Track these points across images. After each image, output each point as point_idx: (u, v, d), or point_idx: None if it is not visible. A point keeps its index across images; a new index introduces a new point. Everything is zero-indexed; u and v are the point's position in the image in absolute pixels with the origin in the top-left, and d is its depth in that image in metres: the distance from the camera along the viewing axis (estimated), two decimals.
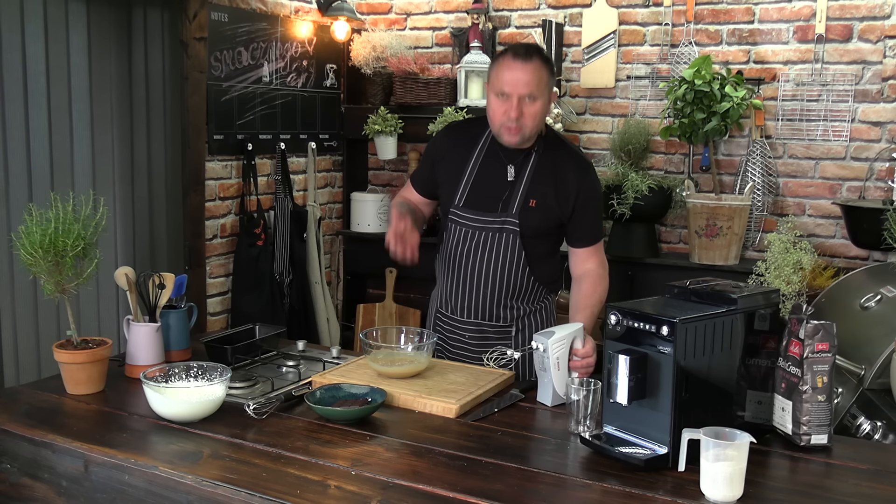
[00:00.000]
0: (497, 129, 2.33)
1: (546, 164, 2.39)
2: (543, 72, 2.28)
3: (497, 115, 2.30)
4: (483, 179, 2.40)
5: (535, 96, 2.26)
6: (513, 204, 2.37)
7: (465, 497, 1.53)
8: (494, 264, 2.39)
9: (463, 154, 2.44)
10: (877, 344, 2.51)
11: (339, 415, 1.89)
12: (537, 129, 2.33)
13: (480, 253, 2.40)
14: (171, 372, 1.99)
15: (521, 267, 2.39)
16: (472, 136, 2.46)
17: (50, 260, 1.99)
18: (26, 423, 1.87)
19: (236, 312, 3.89)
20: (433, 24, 4.44)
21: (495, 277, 2.40)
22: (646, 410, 1.70)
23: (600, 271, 2.42)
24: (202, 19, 3.59)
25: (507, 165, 2.39)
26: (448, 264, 2.47)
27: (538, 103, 2.27)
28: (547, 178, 2.37)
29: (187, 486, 1.60)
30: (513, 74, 2.25)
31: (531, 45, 2.34)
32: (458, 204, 2.42)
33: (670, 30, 3.90)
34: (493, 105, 2.31)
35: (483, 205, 2.39)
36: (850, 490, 1.60)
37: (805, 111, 3.69)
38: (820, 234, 3.73)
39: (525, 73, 2.25)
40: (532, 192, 2.37)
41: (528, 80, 2.24)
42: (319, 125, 4.37)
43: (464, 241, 2.41)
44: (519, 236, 2.36)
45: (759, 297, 1.78)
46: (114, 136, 3.38)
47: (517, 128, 2.28)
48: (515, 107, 2.25)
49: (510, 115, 2.26)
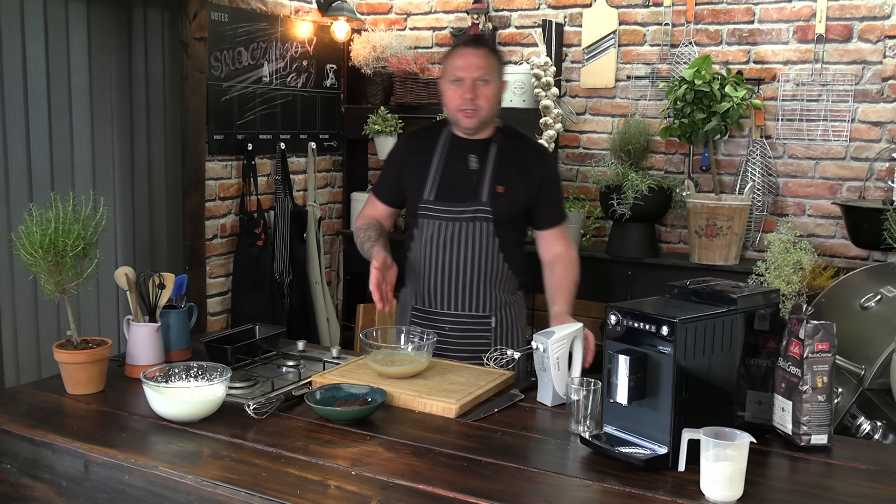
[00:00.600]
0: (454, 115, 2.47)
1: (507, 152, 2.51)
2: (493, 58, 2.46)
3: (453, 100, 2.44)
4: (449, 173, 2.51)
5: (487, 79, 2.41)
6: (482, 192, 2.47)
7: (465, 497, 1.53)
8: (471, 252, 2.48)
9: (425, 156, 2.55)
10: (877, 344, 2.51)
11: (339, 415, 1.89)
12: (492, 112, 2.47)
13: (456, 243, 2.48)
14: (171, 372, 1.99)
15: (496, 253, 2.48)
16: (430, 139, 2.58)
17: (50, 260, 1.99)
18: (26, 423, 1.87)
19: (236, 312, 3.89)
20: (433, 24, 4.44)
21: (473, 265, 2.48)
22: (646, 410, 1.70)
23: (571, 253, 2.55)
24: (202, 19, 3.59)
25: (469, 156, 2.50)
26: (424, 259, 2.53)
27: (491, 86, 2.43)
28: (510, 164, 2.49)
29: (187, 486, 1.60)
30: (465, 59, 2.42)
31: (480, 36, 2.54)
32: (429, 198, 2.51)
33: (670, 30, 3.90)
34: (449, 93, 2.46)
35: (453, 196, 2.49)
36: (850, 490, 1.60)
37: (805, 111, 3.69)
38: (820, 234, 3.73)
39: (476, 57, 2.41)
40: (498, 179, 2.48)
41: (479, 63, 2.41)
42: (319, 125, 4.37)
43: (438, 234, 2.49)
44: (492, 223, 2.46)
45: (759, 297, 1.78)
46: (114, 136, 3.38)
47: (473, 110, 2.42)
48: (470, 88, 2.40)
49: (465, 97, 2.40)
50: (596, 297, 3.91)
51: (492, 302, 2.52)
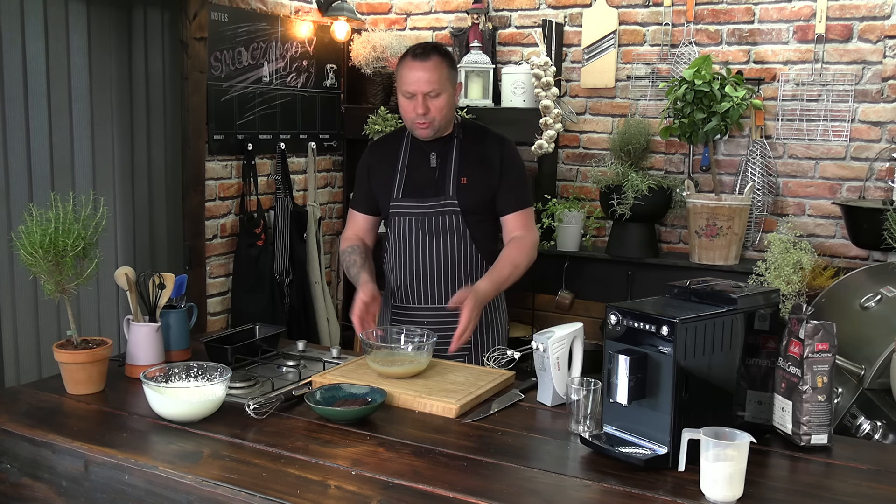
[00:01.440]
0: (410, 126, 2.54)
1: (468, 145, 2.57)
2: (443, 67, 2.46)
3: (407, 113, 2.50)
4: (414, 171, 2.58)
5: (437, 91, 2.45)
6: (447, 185, 2.53)
7: (465, 497, 1.53)
8: (442, 245, 2.54)
9: (390, 160, 2.61)
10: (877, 344, 2.51)
11: (339, 415, 1.89)
12: (446, 119, 2.52)
13: (427, 237, 2.54)
14: (171, 372, 1.99)
15: (468, 243, 2.54)
16: (393, 143, 2.64)
17: (50, 260, 1.99)
18: (26, 423, 1.87)
19: (236, 312, 3.89)
20: (433, 24, 4.44)
21: (445, 257, 2.54)
22: (646, 410, 1.70)
23: (528, 238, 2.56)
24: (202, 19, 3.59)
25: (430, 154, 2.56)
26: (398, 256, 2.58)
27: (442, 97, 2.46)
28: (472, 156, 2.56)
29: (187, 486, 1.61)
30: (414, 74, 2.45)
31: (429, 44, 2.52)
32: (398, 196, 2.56)
33: (670, 30, 3.90)
34: (403, 104, 2.51)
35: (420, 192, 2.55)
36: (850, 490, 1.60)
37: (805, 111, 3.68)
38: (820, 234, 3.73)
39: (425, 71, 2.44)
40: (461, 171, 2.54)
41: (428, 77, 2.43)
42: (319, 125, 4.37)
43: (410, 230, 2.55)
44: (460, 214, 2.52)
45: (759, 297, 1.78)
46: (114, 136, 3.38)
47: (427, 122, 2.48)
48: (421, 104, 2.44)
49: (418, 111, 2.45)
50: (596, 297, 3.92)
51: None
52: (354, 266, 2.56)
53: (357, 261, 2.57)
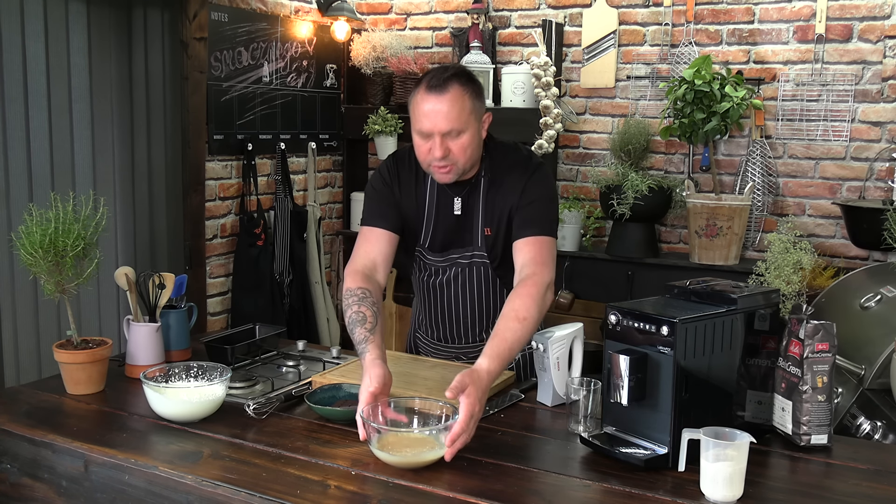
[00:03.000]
0: (426, 169, 2.10)
1: (494, 184, 2.16)
2: (465, 99, 2.00)
3: (422, 154, 2.06)
4: (441, 218, 2.20)
5: (459, 130, 2.00)
6: (475, 235, 2.20)
7: (465, 497, 1.53)
8: (470, 296, 2.27)
9: (418, 192, 2.20)
10: (877, 344, 2.51)
11: (339, 415, 1.89)
12: (472, 161, 2.08)
13: (454, 286, 2.27)
14: (171, 372, 1.98)
15: (497, 293, 2.26)
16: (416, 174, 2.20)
17: (50, 260, 1.99)
18: (26, 423, 1.87)
19: (236, 312, 3.89)
20: (433, 24, 4.44)
21: (472, 308, 2.29)
22: (646, 410, 1.70)
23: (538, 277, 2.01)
24: (202, 19, 3.59)
25: (454, 198, 2.18)
26: (423, 293, 2.35)
27: (465, 136, 2.01)
28: (497, 200, 2.16)
29: (187, 486, 1.60)
30: (429, 109, 1.98)
31: (448, 70, 2.04)
32: (424, 245, 2.24)
33: (670, 30, 3.90)
34: (417, 143, 2.05)
35: (447, 244, 2.22)
36: (850, 490, 1.60)
37: (805, 111, 3.69)
38: (820, 234, 3.73)
39: (443, 104, 1.97)
40: (486, 221, 2.17)
41: (446, 112, 1.97)
42: (319, 125, 4.37)
43: (436, 276, 2.28)
44: (489, 267, 2.22)
45: (759, 297, 1.78)
46: (114, 136, 3.38)
47: (447, 166, 2.04)
48: (440, 146, 2.00)
49: (435, 154, 2.01)
50: (596, 297, 3.92)
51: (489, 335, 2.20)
52: (362, 325, 1.93)
53: (367, 317, 1.95)
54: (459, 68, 2.08)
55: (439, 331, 2.36)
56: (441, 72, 2.02)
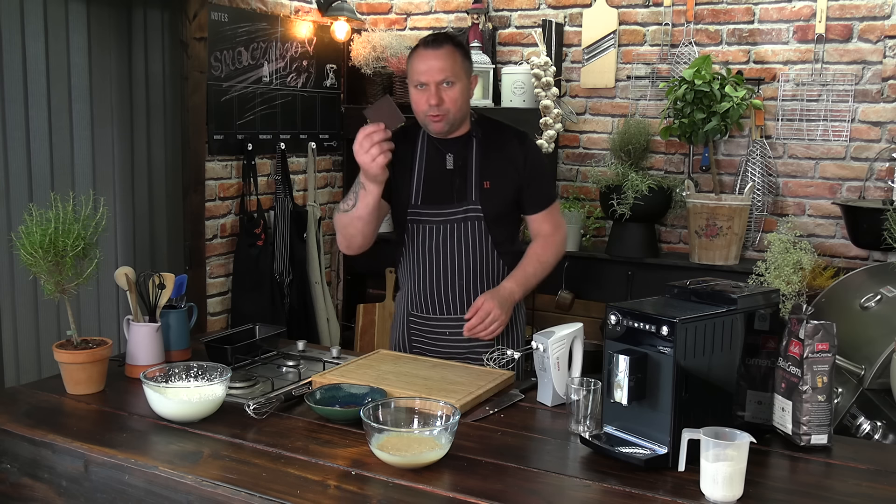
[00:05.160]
0: (423, 120, 2.38)
1: (488, 145, 2.43)
2: (457, 56, 2.33)
3: (420, 106, 2.35)
4: (432, 175, 2.43)
5: (451, 81, 2.31)
6: (469, 190, 2.40)
7: (465, 497, 1.53)
8: (464, 254, 2.42)
9: (405, 160, 2.44)
10: (877, 344, 2.51)
11: (339, 415, 1.89)
12: (462, 112, 2.37)
13: (448, 245, 2.42)
14: (171, 372, 1.99)
15: (490, 251, 2.43)
16: (408, 142, 2.46)
17: (50, 260, 1.99)
18: (26, 423, 1.87)
19: (236, 312, 3.89)
20: (433, 24, 4.44)
21: (467, 267, 2.43)
22: (646, 410, 1.70)
23: (555, 236, 2.50)
24: (202, 19, 3.59)
25: (447, 155, 2.42)
26: (416, 264, 2.47)
27: (456, 87, 2.32)
28: (493, 157, 2.42)
29: (187, 486, 1.60)
30: (426, 63, 2.30)
31: (441, 33, 2.39)
32: (416, 203, 2.43)
33: (670, 30, 3.90)
34: (415, 98, 2.36)
35: (440, 198, 2.42)
36: (850, 490, 1.60)
37: (805, 111, 3.69)
38: (820, 234, 3.73)
39: (438, 59, 2.29)
40: (483, 174, 2.40)
41: (441, 65, 2.29)
42: (319, 125, 4.37)
43: (429, 238, 2.43)
44: (483, 221, 2.40)
45: (759, 297, 1.78)
46: (114, 136, 3.38)
47: (441, 115, 2.32)
48: (434, 94, 2.30)
49: (431, 102, 2.30)
50: (596, 297, 3.92)
51: None
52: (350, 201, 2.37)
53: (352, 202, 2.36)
54: (454, 35, 2.45)
55: (435, 300, 2.45)
56: (436, 34, 2.38)
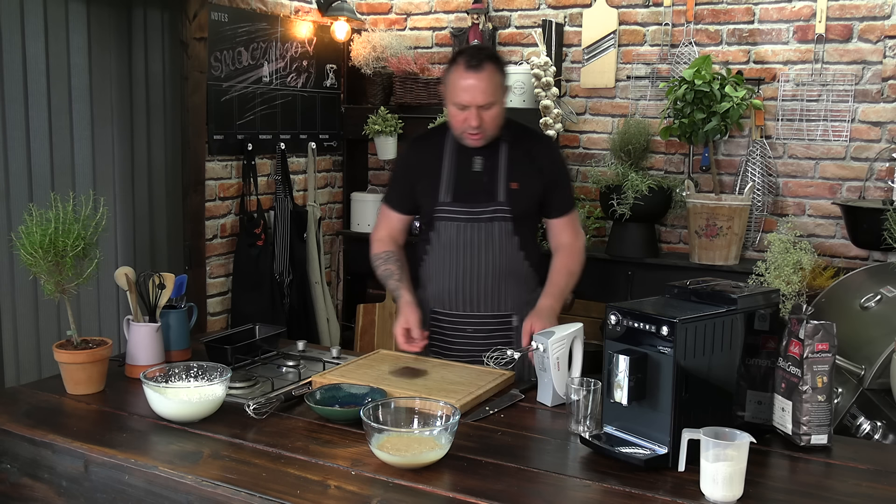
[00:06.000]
0: (459, 135, 2.44)
1: (516, 147, 2.48)
2: (496, 76, 2.37)
3: (457, 123, 2.40)
4: (462, 174, 2.48)
5: (492, 103, 2.35)
6: (497, 190, 2.45)
7: (465, 497, 1.53)
8: (491, 253, 2.45)
9: (434, 160, 2.50)
10: (877, 344, 2.51)
11: (339, 415, 1.89)
12: (498, 128, 2.43)
13: (476, 244, 2.45)
14: (171, 372, 1.99)
15: (516, 252, 2.46)
16: (436, 142, 2.53)
17: (50, 260, 1.99)
18: (26, 423, 1.87)
19: (236, 312, 3.89)
20: (433, 24, 4.44)
21: (493, 265, 2.46)
22: (646, 410, 1.70)
23: (576, 243, 2.56)
24: (202, 19, 3.59)
25: (474, 156, 2.47)
26: (442, 261, 2.49)
27: (495, 108, 2.37)
28: (521, 159, 2.47)
29: (187, 486, 1.60)
30: (468, 87, 2.33)
31: (481, 51, 2.41)
32: (446, 199, 2.47)
33: (670, 30, 3.90)
34: (453, 113, 2.40)
35: (470, 197, 2.46)
36: (850, 490, 1.60)
37: (805, 111, 3.68)
38: (820, 234, 3.73)
39: (480, 81, 2.32)
40: (511, 175, 2.45)
41: (483, 88, 2.33)
42: (319, 125, 4.37)
43: (457, 236, 2.46)
44: (510, 221, 2.44)
45: (759, 297, 1.78)
46: (114, 136, 3.38)
47: (479, 134, 2.39)
48: (475, 116, 2.35)
49: (470, 123, 2.36)
50: (596, 297, 3.91)
51: (513, 301, 2.49)
52: (392, 278, 2.48)
53: (394, 271, 2.49)
54: (490, 50, 2.53)
55: (459, 297, 2.48)
56: (477, 52, 2.38)
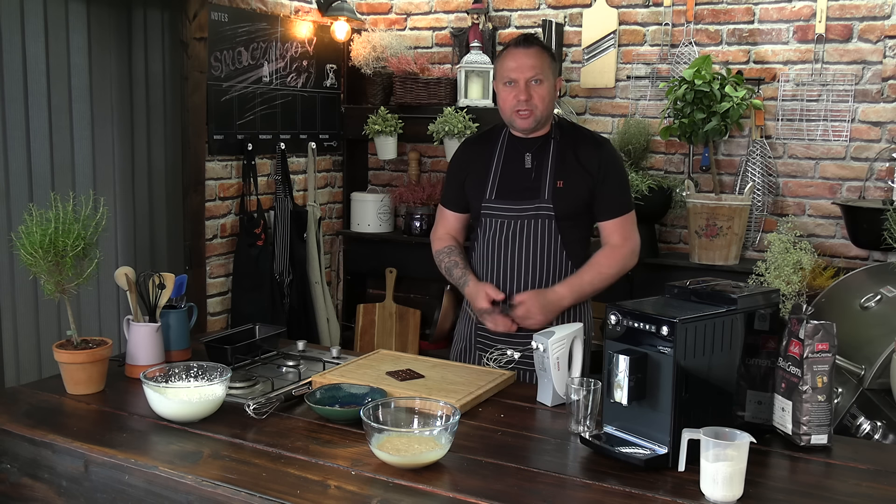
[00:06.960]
0: (509, 117, 2.45)
1: (566, 146, 2.48)
2: (545, 56, 2.42)
3: (507, 102, 2.42)
4: (509, 172, 2.49)
5: (540, 79, 2.39)
6: (543, 188, 2.44)
7: (465, 497, 1.53)
8: (533, 249, 2.45)
9: (485, 159, 2.53)
10: (877, 344, 2.51)
11: (339, 415, 1.89)
12: (548, 111, 2.44)
13: (517, 240, 2.46)
14: (171, 372, 1.99)
15: (558, 249, 2.45)
16: (488, 142, 2.56)
17: (50, 260, 1.99)
18: (26, 423, 1.87)
19: (236, 312, 3.89)
20: (433, 24, 4.44)
21: (535, 262, 2.45)
22: (646, 410, 1.70)
23: (622, 249, 2.48)
24: (202, 19, 3.59)
25: (525, 154, 2.47)
26: (486, 258, 2.50)
27: (545, 86, 2.40)
28: (569, 159, 2.46)
29: (187, 486, 1.61)
30: (516, 60, 2.39)
31: (531, 35, 2.48)
32: (491, 197, 2.49)
33: (670, 30, 3.90)
34: (503, 95, 2.43)
35: (515, 194, 2.46)
36: (850, 490, 1.60)
37: (805, 111, 3.68)
38: (820, 234, 3.73)
39: (528, 57, 2.38)
40: (558, 174, 2.44)
41: (531, 63, 2.38)
42: (319, 125, 4.37)
43: (500, 232, 2.47)
44: (553, 220, 2.43)
45: (759, 297, 1.78)
46: (114, 136, 3.38)
47: (529, 110, 2.40)
48: (524, 90, 2.37)
49: (520, 98, 2.38)
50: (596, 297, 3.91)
51: None
52: (457, 268, 2.52)
53: (459, 262, 2.53)
54: (538, 37, 2.54)
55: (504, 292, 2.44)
56: (526, 35, 2.47)
